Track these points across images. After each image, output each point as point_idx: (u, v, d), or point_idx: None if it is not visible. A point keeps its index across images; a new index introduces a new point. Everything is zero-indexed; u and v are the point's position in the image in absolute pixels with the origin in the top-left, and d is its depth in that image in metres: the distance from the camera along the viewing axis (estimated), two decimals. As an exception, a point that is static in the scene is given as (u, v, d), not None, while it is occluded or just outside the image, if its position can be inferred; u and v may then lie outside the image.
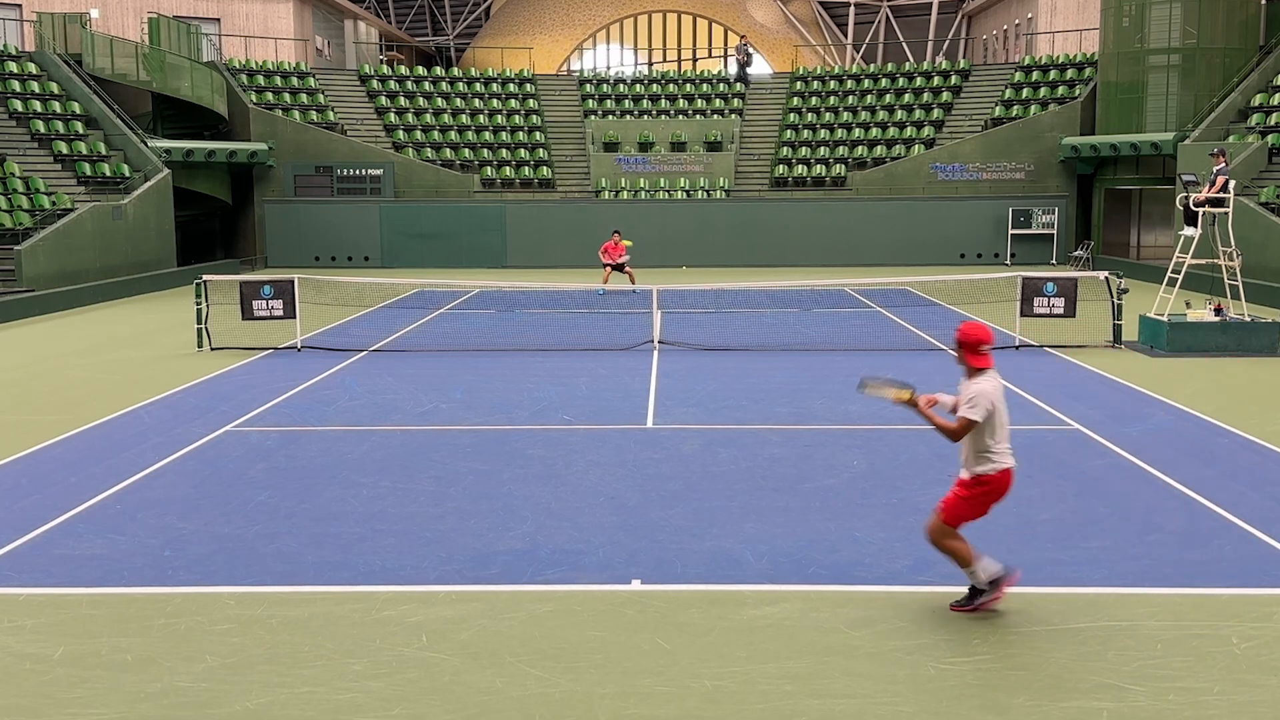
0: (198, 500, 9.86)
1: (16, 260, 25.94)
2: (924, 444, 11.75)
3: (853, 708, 5.92)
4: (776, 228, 37.65)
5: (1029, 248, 37.23)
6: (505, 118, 42.63)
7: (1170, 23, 33.85)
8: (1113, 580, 7.75)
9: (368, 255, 37.99)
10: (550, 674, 6.33)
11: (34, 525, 9.10)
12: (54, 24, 35.46)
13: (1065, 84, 40.14)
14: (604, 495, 9.93)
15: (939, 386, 14.95)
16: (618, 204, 38.77)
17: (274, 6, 44.17)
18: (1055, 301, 18.50)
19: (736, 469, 10.80)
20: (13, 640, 6.86)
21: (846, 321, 22.33)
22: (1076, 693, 6.06)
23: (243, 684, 6.23)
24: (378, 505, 9.64)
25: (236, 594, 7.59)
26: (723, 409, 13.68)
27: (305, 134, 38.83)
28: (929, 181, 38.79)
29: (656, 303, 20.41)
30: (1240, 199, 23.94)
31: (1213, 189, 18.62)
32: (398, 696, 6.09)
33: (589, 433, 12.44)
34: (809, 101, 43.23)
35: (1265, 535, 8.67)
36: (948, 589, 7.59)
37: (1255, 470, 10.68)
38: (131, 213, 30.46)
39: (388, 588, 7.72)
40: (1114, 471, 10.64)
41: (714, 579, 7.84)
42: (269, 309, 18.88)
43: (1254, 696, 6.02)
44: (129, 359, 18.06)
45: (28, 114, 32.22)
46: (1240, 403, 13.97)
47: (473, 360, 17.56)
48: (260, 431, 12.63)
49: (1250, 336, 17.97)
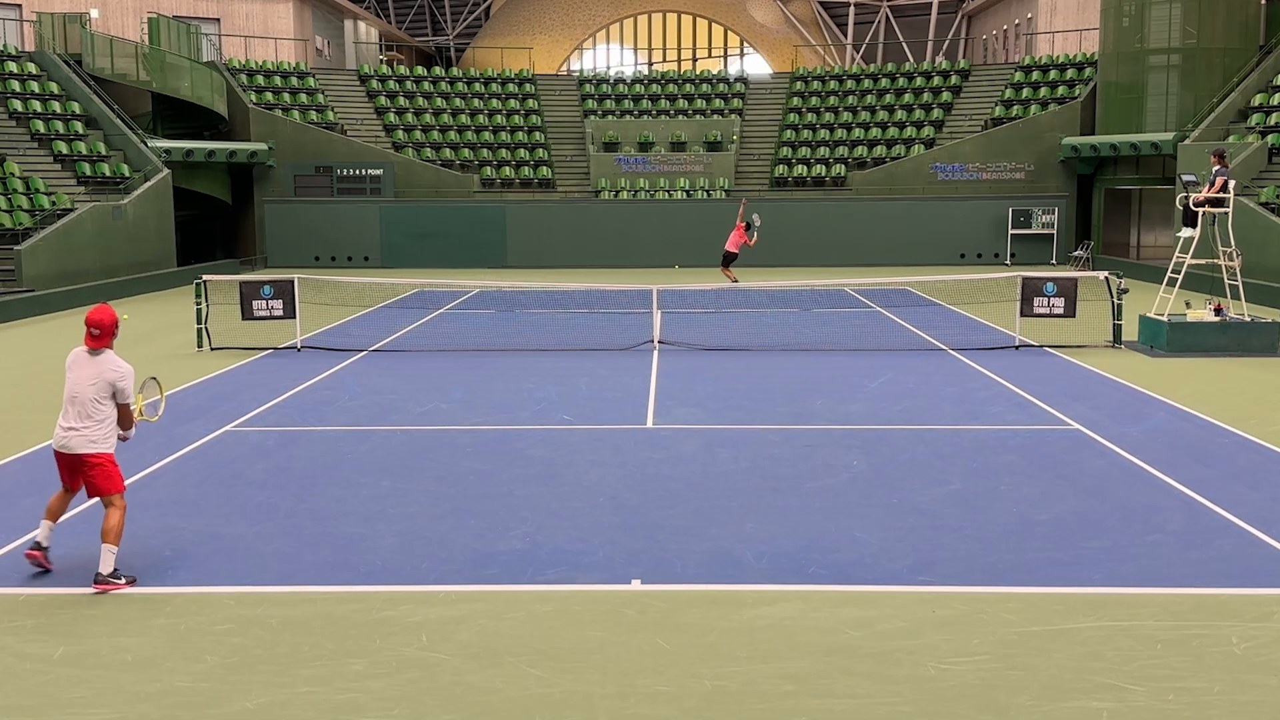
0: (198, 500, 9.87)
1: (16, 260, 25.94)
2: (924, 444, 11.76)
3: (853, 708, 5.92)
4: (776, 228, 37.61)
5: (1029, 248, 37.23)
6: (505, 118, 42.64)
7: (1170, 23, 33.86)
8: (1113, 580, 7.75)
9: (368, 255, 38.00)
10: (550, 674, 6.33)
11: (34, 525, 9.08)
12: (54, 24, 35.46)
13: (1065, 84, 40.14)
14: (604, 495, 9.93)
15: (937, 386, 15.01)
16: (618, 204, 38.79)
17: (274, 6, 44.17)
18: (1055, 301, 18.51)
19: (736, 469, 10.80)
20: (13, 640, 6.86)
21: (846, 321, 22.32)
22: (1076, 693, 6.06)
23: (243, 684, 6.23)
24: (378, 505, 9.64)
25: (236, 594, 7.59)
26: (723, 409, 13.68)
27: (305, 134, 38.84)
28: (929, 181, 38.79)
29: (656, 303, 20.41)
30: (1240, 199, 23.95)
31: (1212, 189, 18.62)
32: (398, 696, 6.09)
33: (589, 433, 12.44)
34: (809, 101, 43.24)
35: (1265, 535, 8.67)
36: (948, 589, 7.60)
37: (1255, 470, 10.68)
38: (131, 213, 30.46)
39: (388, 588, 7.72)
40: (1114, 471, 10.64)
41: (714, 579, 7.84)
42: (269, 309, 18.88)
43: (1254, 696, 6.01)
44: (129, 359, 17.97)
45: (28, 114, 32.21)
46: (1240, 403, 13.97)
47: (473, 360, 17.56)
48: (260, 431, 12.63)
49: (1250, 336, 17.97)
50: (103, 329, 7.87)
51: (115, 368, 7.88)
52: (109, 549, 7.70)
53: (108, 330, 7.89)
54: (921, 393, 14.61)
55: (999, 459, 11.15)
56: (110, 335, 7.91)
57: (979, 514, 9.29)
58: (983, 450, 11.51)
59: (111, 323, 7.91)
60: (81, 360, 7.90)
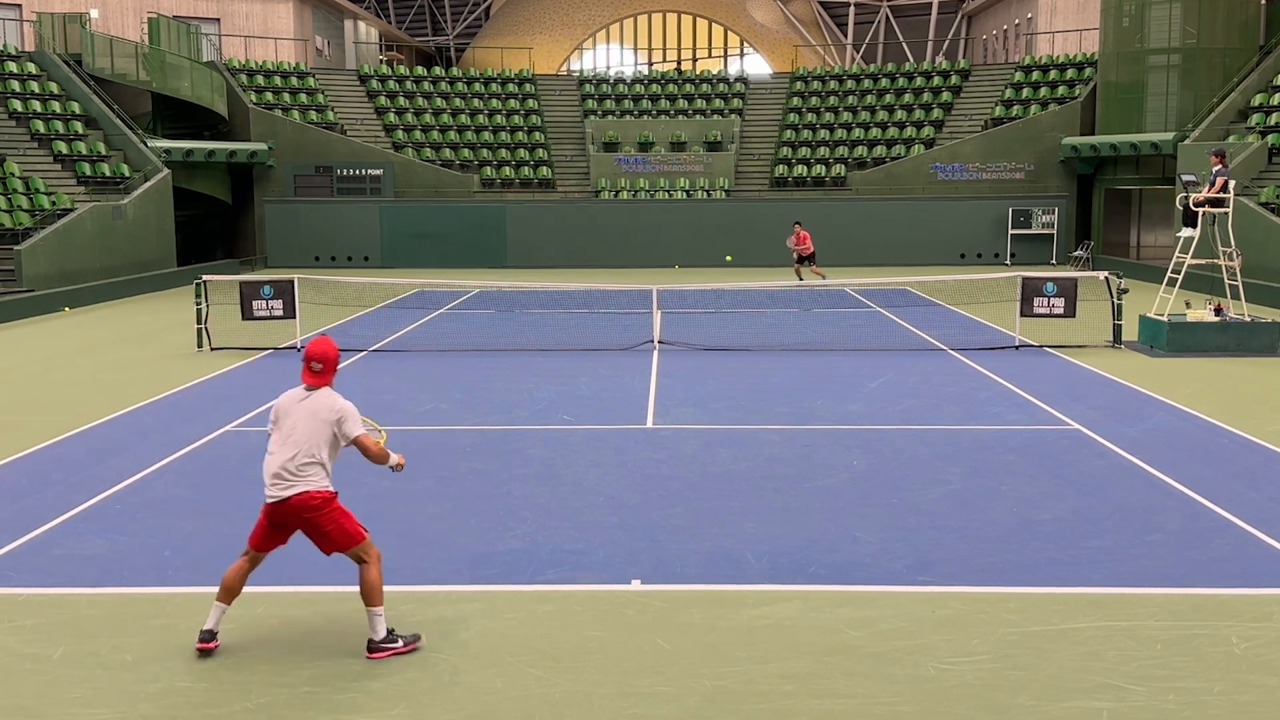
0: (198, 500, 9.86)
1: (16, 260, 25.94)
2: (924, 444, 11.75)
3: (853, 708, 5.92)
4: (777, 228, 37.59)
5: (1029, 248, 37.23)
6: (505, 118, 42.64)
7: (1170, 23, 33.86)
8: (1113, 580, 7.75)
9: (368, 255, 38.00)
10: (550, 674, 6.33)
11: (34, 525, 9.10)
12: (54, 24, 35.46)
13: (1065, 84, 40.14)
14: (604, 495, 9.93)
15: (937, 386, 15.01)
16: (618, 204, 38.79)
17: (274, 6, 44.16)
18: (1055, 301, 18.50)
19: (736, 469, 10.80)
20: (13, 640, 6.86)
21: (846, 321, 22.32)
22: (1076, 693, 6.05)
23: (243, 684, 6.23)
24: (378, 505, 9.64)
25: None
26: (723, 409, 13.67)
27: (305, 134, 38.84)
28: (929, 181, 38.79)
29: (656, 303, 20.41)
30: (1240, 199, 23.95)
31: (1212, 189, 18.62)
32: (398, 696, 6.08)
33: (589, 433, 12.44)
34: (809, 101, 43.24)
35: (1265, 535, 8.67)
36: (948, 589, 7.60)
37: (1255, 470, 10.68)
38: (131, 213, 30.45)
39: (388, 588, 7.69)
40: (1114, 471, 10.63)
41: (714, 579, 7.84)
42: (269, 309, 18.87)
43: (1254, 696, 6.01)
44: (129, 359, 18.06)
45: (28, 114, 32.21)
46: (1240, 403, 13.96)
47: (473, 360, 17.55)
48: (260, 432, 12.57)
49: (1250, 336, 17.96)
50: (326, 363, 6.74)
51: (332, 405, 6.69)
52: (375, 612, 6.58)
53: (331, 364, 6.77)
54: (921, 393, 14.60)
55: (999, 459, 11.15)
56: (333, 371, 6.80)
57: (979, 514, 9.29)
58: (983, 450, 11.50)
59: (336, 356, 6.81)
60: (296, 402, 6.72)
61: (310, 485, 6.54)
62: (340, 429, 6.65)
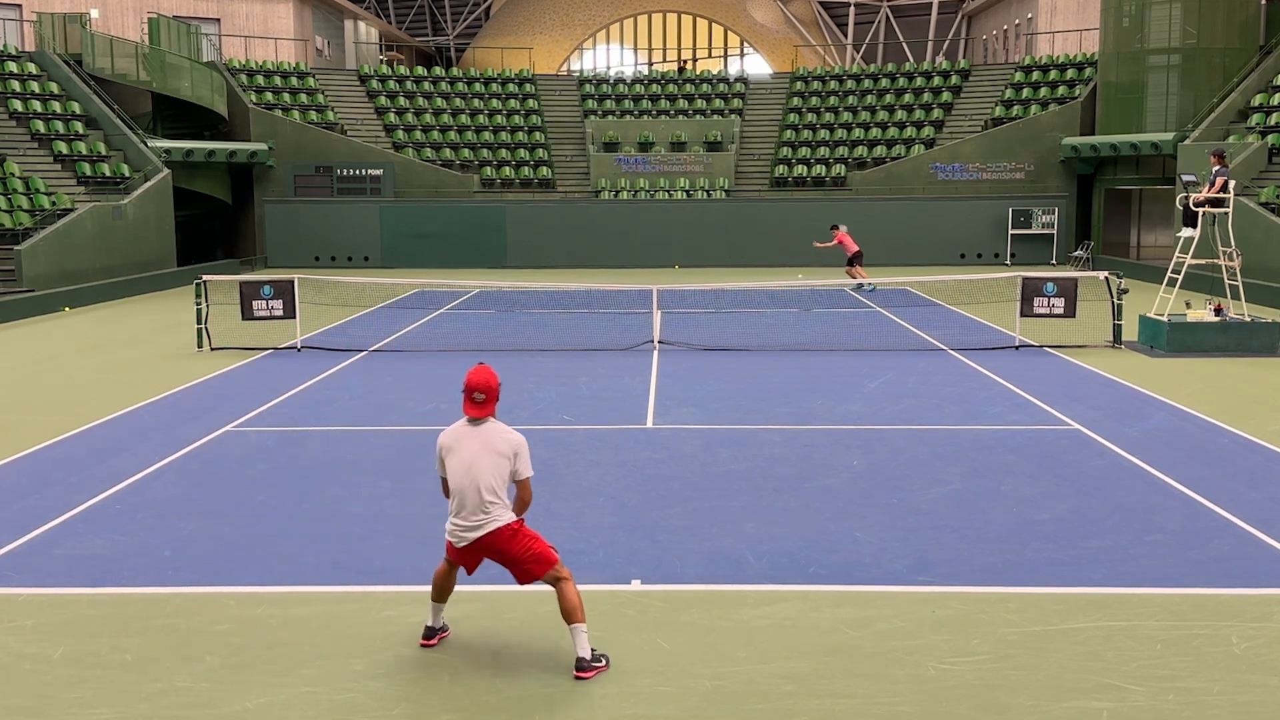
0: (198, 500, 9.86)
1: (16, 260, 25.94)
2: (924, 444, 11.75)
3: (853, 708, 5.92)
4: (777, 228, 37.64)
5: (1029, 248, 37.23)
6: (505, 118, 42.64)
7: (1170, 23, 33.85)
8: (1113, 580, 7.75)
9: (368, 255, 38.00)
10: (550, 674, 6.33)
11: (34, 525, 9.10)
12: (54, 24, 35.46)
13: (1065, 84, 40.14)
14: (604, 495, 9.93)
15: (937, 386, 15.01)
16: (618, 204, 38.79)
17: (274, 6, 44.16)
18: (1055, 301, 18.50)
19: (736, 469, 10.80)
20: (13, 640, 6.86)
21: (846, 321, 22.32)
22: (1076, 693, 6.05)
23: (243, 684, 6.23)
24: (378, 505, 9.64)
25: (236, 594, 7.59)
26: (723, 409, 13.67)
27: (305, 134, 38.84)
28: (929, 181, 38.79)
29: (656, 303, 20.41)
30: (1240, 199, 23.95)
31: (1212, 189, 18.62)
32: (398, 696, 6.09)
33: (589, 433, 12.44)
34: (809, 101, 43.24)
35: (1265, 535, 8.67)
36: (948, 589, 7.59)
37: (1255, 470, 10.68)
38: (131, 213, 30.46)
39: (388, 588, 7.72)
40: (1114, 471, 10.63)
41: (714, 579, 7.84)
42: (269, 309, 18.87)
43: (1254, 696, 6.01)
44: (129, 359, 18.05)
45: (28, 114, 32.22)
46: (1240, 403, 13.96)
47: (473, 360, 17.47)
48: (260, 431, 12.62)
49: (1250, 336, 17.96)
50: (489, 393, 6.48)
51: (508, 438, 6.48)
52: (579, 629, 6.34)
53: (494, 394, 6.50)
54: (921, 393, 14.60)
55: (999, 459, 11.15)
56: (495, 400, 6.53)
57: (979, 514, 9.29)
58: (983, 450, 11.50)
59: (498, 385, 6.53)
60: (464, 437, 6.51)
61: (497, 522, 6.39)
62: (516, 463, 6.46)
